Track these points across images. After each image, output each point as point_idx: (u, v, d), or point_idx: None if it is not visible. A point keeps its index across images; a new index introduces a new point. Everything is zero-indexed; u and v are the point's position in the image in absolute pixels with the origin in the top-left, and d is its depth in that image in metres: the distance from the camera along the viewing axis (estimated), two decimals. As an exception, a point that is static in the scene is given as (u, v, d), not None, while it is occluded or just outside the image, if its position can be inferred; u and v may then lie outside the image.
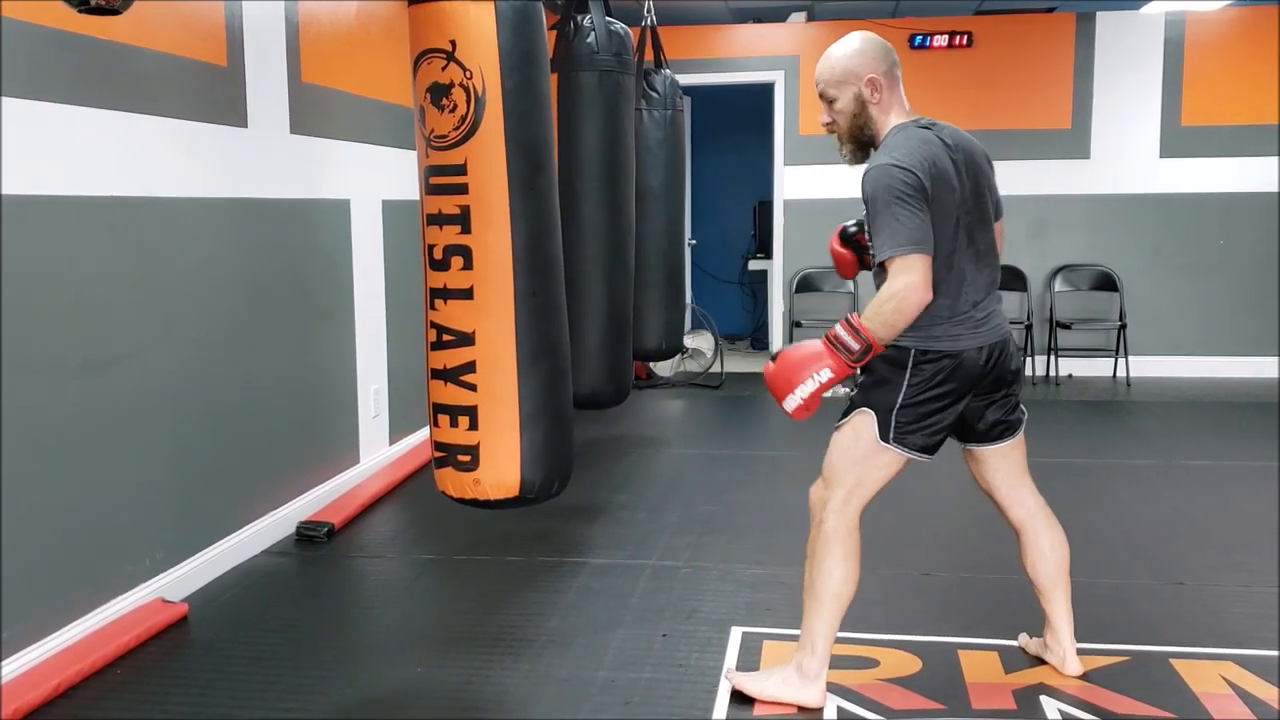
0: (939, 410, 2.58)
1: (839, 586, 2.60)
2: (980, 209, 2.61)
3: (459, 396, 2.50)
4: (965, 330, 2.56)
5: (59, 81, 2.89)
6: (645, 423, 6.44)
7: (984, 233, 2.62)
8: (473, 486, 2.53)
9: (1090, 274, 7.66)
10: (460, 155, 2.44)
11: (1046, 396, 7.04)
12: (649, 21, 5.06)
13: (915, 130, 2.55)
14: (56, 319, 2.89)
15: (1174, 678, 2.82)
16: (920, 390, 2.55)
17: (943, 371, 2.54)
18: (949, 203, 2.50)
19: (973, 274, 2.58)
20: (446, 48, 2.41)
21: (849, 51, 2.59)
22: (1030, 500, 2.83)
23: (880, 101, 2.58)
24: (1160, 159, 7.56)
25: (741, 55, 7.86)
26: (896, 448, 2.57)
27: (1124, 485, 4.79)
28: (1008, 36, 7.57)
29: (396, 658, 3.04)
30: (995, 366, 2.61)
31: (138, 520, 3.24)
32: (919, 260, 2.40)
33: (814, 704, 2.63)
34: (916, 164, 2.44)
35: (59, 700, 2.74)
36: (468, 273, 2.46)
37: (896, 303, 2.39)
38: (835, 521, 2.61)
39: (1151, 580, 3.55)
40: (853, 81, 2.57)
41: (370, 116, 4.69)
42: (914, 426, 2.57)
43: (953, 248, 2.53)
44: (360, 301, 4.67)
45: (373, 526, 4.23)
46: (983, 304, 2.60)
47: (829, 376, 2.45)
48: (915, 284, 2.39)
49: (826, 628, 2.62)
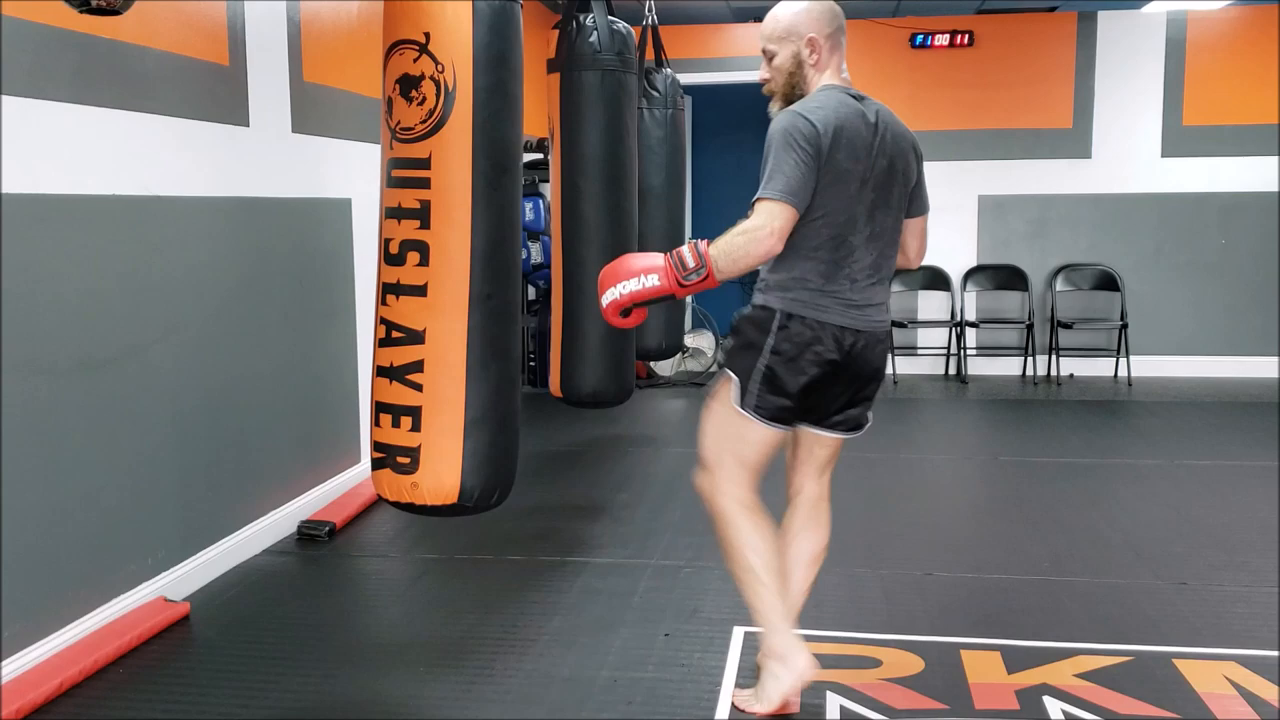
0: (794, 379, 2.49)
1: (758, 558, 2.54)
2: (887, 191, 2.53)
3: (403, 396, 2.46)
4: (834, 304, 2.49)
5: (60, 80, 2.88)
6: (646, 422, 6.43)
7: (885, 216, 2.54)
8: (410, 490, 2.48)
9: (1091, 273, 7.66)
10: (425, 149, 2.41)
11: (1047, 396, 7.04)
12: (650, 21, 5.07)
13: (837, 93, 2.51)
14: (58, 318, 2.89)
15: (1177, 678, 2.81)
16: (782, 357, 2.49)
17: (805, 340, 2.48)
18: (849, 170, 2.44)
19: (861, 253, 2.51)
20: (420, 39, 2.39)
21: (795, 10, 2.56)
22: (822, 487, 2.78)
23: (817, 63, 2.55)
24: (1161, 158, 7.56)
25: (742, 54, 7.86)
26: (751, 414, 2.51)
27: (1125, 485, 4.78)
28: (1009, 36, 7.57)
29: (399, 657, 3.03)
30: (855, 357, 2.54)
31: (139, 519, 3.24)
32: (783, 210, 2.37)
33: (809, 669, 2.56)
34: (821, 120, 2.41)
35: (61, 699, 2.74)
36: (423, 269, 2.42)
37: (746, 240, 2.37)
38: (726, 502, 2.56)
39: (1154, 580, 3.55)
40: (793, 39, 2.54)
41: (372, 116, 4.68)
42: (771, 394, 2.50)
43: (845, 219, 2.47)
44: (361, 300, 4.66)
45: (374, 526, 4.23)
46: (861, 286, 2.52)
47: (655, 284, 2.43)
48: (772, 230, 2.36)
49: (770, 600, 2.54)
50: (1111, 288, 7.59)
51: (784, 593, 2.59)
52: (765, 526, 2.58)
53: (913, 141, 2.62)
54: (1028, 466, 5.13)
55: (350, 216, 4.56)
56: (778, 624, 2.57)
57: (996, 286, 7.74)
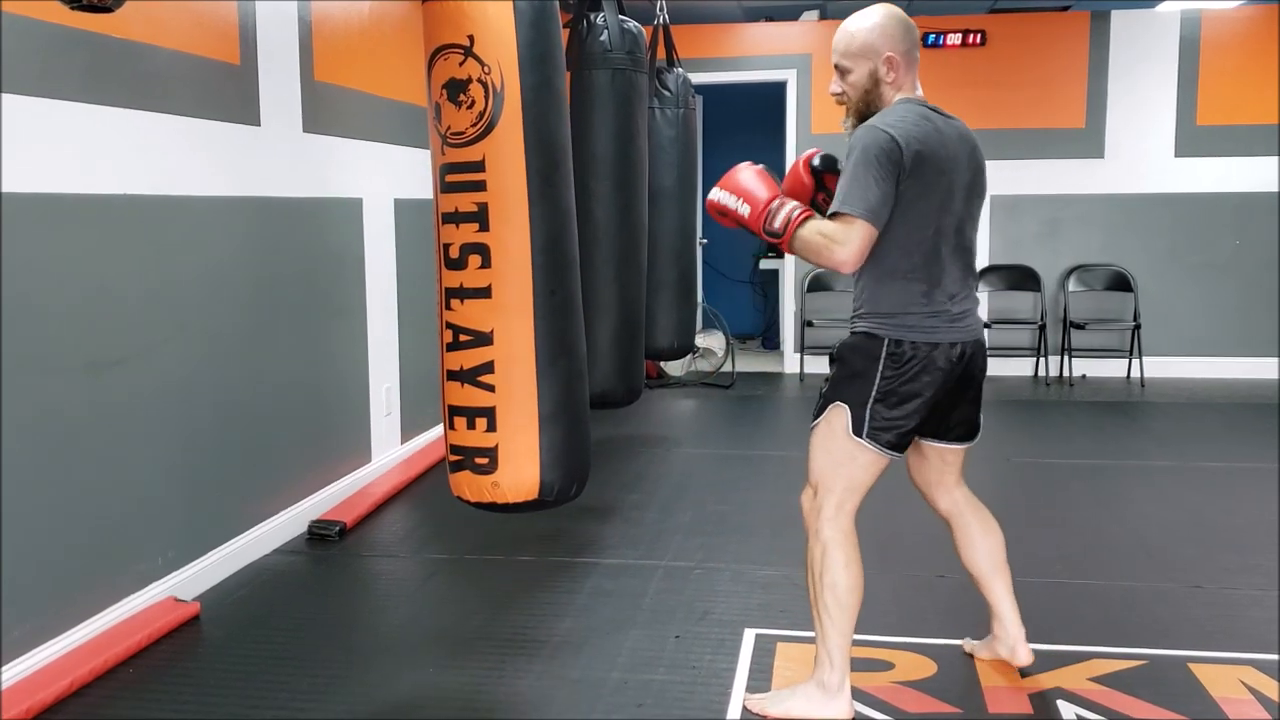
0: (911, 405, 2.51)
1: (846, 596, 2.55)
2: (969, 204, 2.56)
3: (476, 398, 2.46)
4: (941, 324, 2.51)
5: (72, 79, 2.88)
6: (656, 422, 6.42)
7: (969, 228, 2.57)
8: (491, 490, 2.48)
9: (1104, 274, 7.62)
10: (478, 152, 2.40)
11: (1060, 397, 7.01)
12: (661, 20, 5.05)
13: (919, 107, 2.51)
14: (68, 317, 2.89)
15: (1192, 682, 2.79)
16: (893, 383, 2.49)
17: (916, 364, 2.49)
18: (937, 185, 2.45)
19: (951, 266, 2.53)
20: (464, 43, 2.38)
21: (870, 25, 2.53)
22: (959, 491, 2.81)
23: (894, 81, 2.53)
24: (1175, 158, 7.51)
25: (754, 54, 7.84)
26: (869, 444, 2.51)
27: (1138, 486, 4.76)
28: (1021, 35, 7.53)
29: (409, 658, 3.03)
30: (967, 365, 2.58)
31: (150, 519, 3.24)
32: (864, 229, 2.37)
33: (843, 717, 2.58)
34: (902, 135, 2.40)
35: (71, 699, 2.74)
36: (486, 271, 2.42)
37: (827, 246, 2.38)
38: (831, 530, 2.56)
39: (1167, 583, 3.52)
40: (870, 57, 2.52)
41: (383, 115, 4.69)
42: (886, 421, 2.50)
43: (934, 232, 2.48)
44: (372, 300, 4.66)
45: (384, 526, 4.23)
46: (959, 298, 2.55)
47: (743, 214, 2.52)
48: (851, 250, 2.37)
49: (841, 639, 2.57)
50: (1124, 288, 7.55)
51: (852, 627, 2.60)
52: (857, 561, 2.58)
53: (981, 152, 2.63)
54: (1039, 468, 5.11)
55: (361, 216, 4.56)
56: (839, 660, 2.58)
57: (1009, 287, 7.70)
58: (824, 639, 2.58)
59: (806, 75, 7.71)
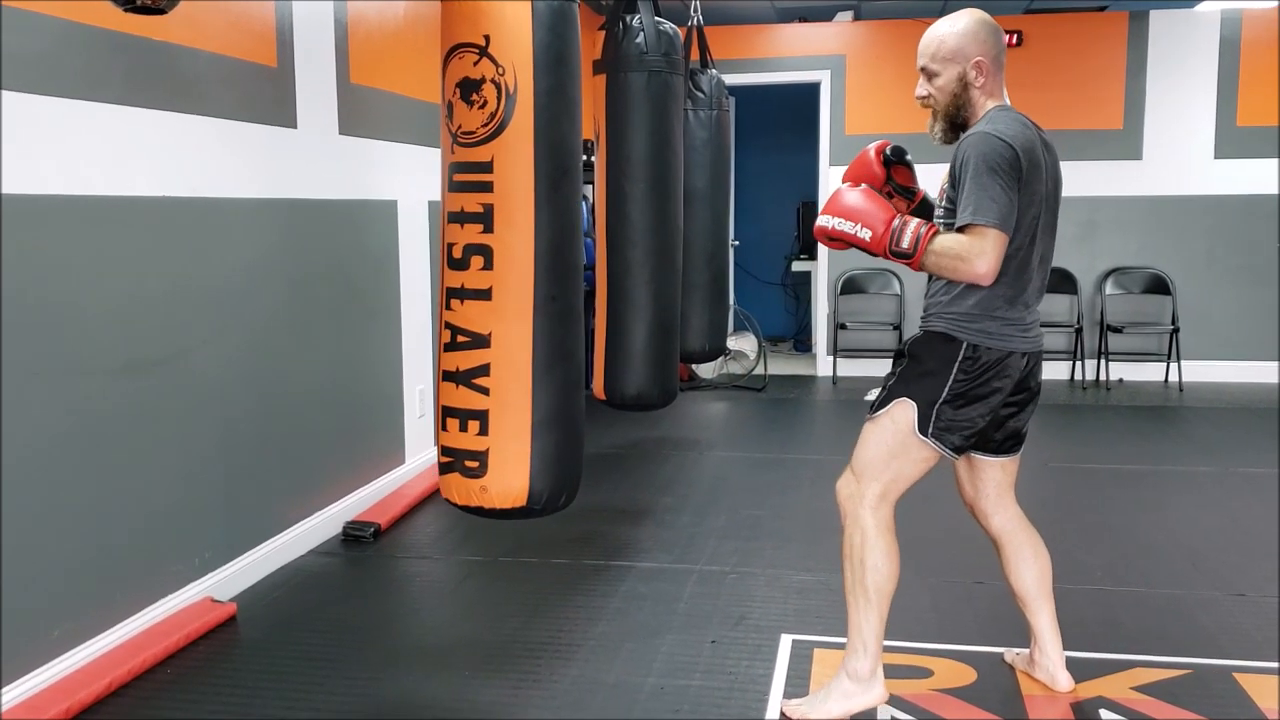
0: (978, 409, 2.51)
1: (885, 584, 2.54)
2: (1053, 214, 2.56)
3: (471, 400, 2.45)
4: (1016, 333, 2.51)
5: (112, 82, 2.90)
6: (688, 425, 6.40)
7: (1049, 238, 2.57)
8: (479, 494, 2.47)
9: (1142, 277, 7.54)
10: (487, 152, 2.40)
11: (1097, 401, 6.93)
12: (696, 21, 5.03)
13: (1019, 115, 2.50)
14: (106, 319, 2.90)
15: (1237, 692, 2.75)
16: (966, 386, 2.49)
17: (990, 370, 2.49)
18: (1036, 193, 2.44)
19: (1034, 276, 2.54)
20: (480, 42, 2.37)
21: (961, 30, 2.51)
22: (1012, 510, 2.77)
23: (984, 86, 2.52)
24: (1214, 160, 7.42)
25: (787, 55, 7.81)
26: (934, 443, 2.50)
27: (1179, 492, 4.69)
28: (1058, 36, 7.46)
29: (444, 660, 3.02)
30: (1029, 376, 2.59)
31: (186, 520, 3.25)
32: (999, 239, 2.34)
33: (880, 702, 2.59)
34: (1018, 143, 2.39)
35: (110, 698, 2.75)
36: (487, 273, 2.42)
37: (962, 261, 2.35)
38: (872, 519, 2.54)
39: (1211, 591, 3.47)
40: (960, 61, 2.50)
41: (417, 117, 4.69)
42: (951, 422, 2.50)
43: (1030, 240, 2.48)
44: (406, 302, 4.67)
45: (418, 527, 4.23)
46: (1034, 309, 2.57)
47: (863, 239, 2.43)
48: (988, 262, 2.34)
49: (877, 626, 2.56)
50: (1162, 291, 7.46)
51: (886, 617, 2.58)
52: (895, 553, 2.57)
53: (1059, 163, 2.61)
54: (1078, 473, 5.05)
55: (396, 218, 4.57)
56: (873, 648, 2.57)
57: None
58: (858, 627, 2.56)
59: (840, 76, 7.66)
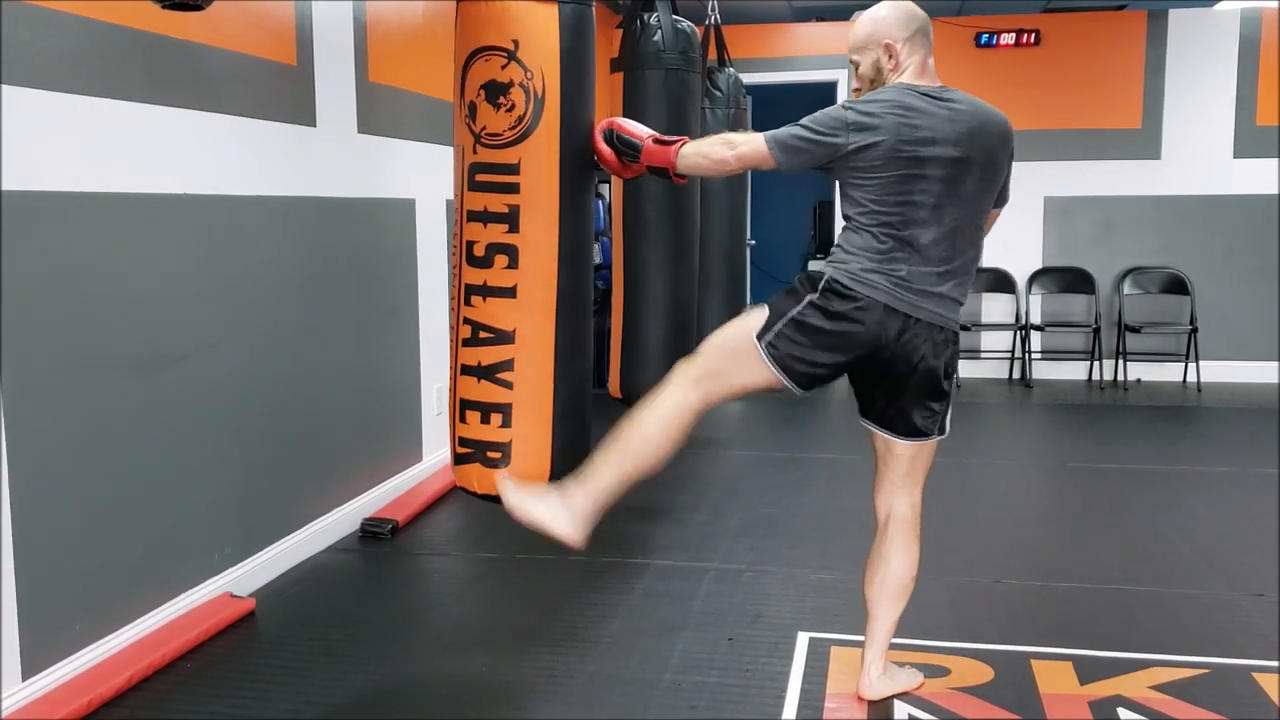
0: (822, 344, 2.44)
1: (642, 449, 2.48)
2: (956, 184, 2.44)
3: (493, 394, 2.49)
4: (885, 283, 2.42)
5: (133, 80, 2.92)
6: (703, 423, 6.29)
7: (957, 209, 2.45)
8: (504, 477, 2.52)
9: (1160, 277, 7.51)
10: (514, 155, 2.42)
11: (1115, 401, 6.91)
12: (713, 19, 5.03)
13: (900, 90, 2.46)
14: (126, 316, 2.92)
15: (1257, 692, 2.74)
16: (816, 316, 2.43)
17: (846, 304, 2.41)
18: (897, 158, 2.38)
19: (926, 247, 2.43)
20: (509, 46, 2.39)
21: (872, 17, 2.56)
22: (904, 507, 2.67)
23: (895, 68, 2.52)
24: (1233, 159, 7.39)
25: (804, 54, 7.82)
26: (763, 351, 2.44)
27: (1196, 493, 4.67)
28: (1076, 35, 7.44)
29: (461, 657, 3.04)
30: (901, 345, 2.45)
31: (206, 516, 3.27)
32: (760, 149, 2.43)
33: (575, 543, 2.48)
34: (862, 109, 2.41)
35: (130, 692, 2.77)
36: (512, 271, 2.45)
37: (713, 148, 2.49)
38: (676, 392, 2.50)
39: (1229, 591, 3.46)
40: (872, 47, 2.54)
41: (436, 116, 4.70)
42: (790, 343, 2.44)
43: (900, 202, 2.40)
44: (424, 300, 4.68)
45: (436, 524, 4.24)
46: (922, 273, 2.43)
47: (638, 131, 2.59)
48: (735, 150, 2.47)
49: (611, 482, 2.46)
50: (1181, 291, 7.43)
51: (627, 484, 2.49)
52: (672, 434, 2.51)
53: (1004, 135, 2.54)
54: (1095, 473, 5.03)
55: (414, 216, 4.59)
56: (597, 493, 2.47)
57: (1062, 289, 7.61)
58: (600, 469, 2.48)
59: (857, 76, 7.64)
